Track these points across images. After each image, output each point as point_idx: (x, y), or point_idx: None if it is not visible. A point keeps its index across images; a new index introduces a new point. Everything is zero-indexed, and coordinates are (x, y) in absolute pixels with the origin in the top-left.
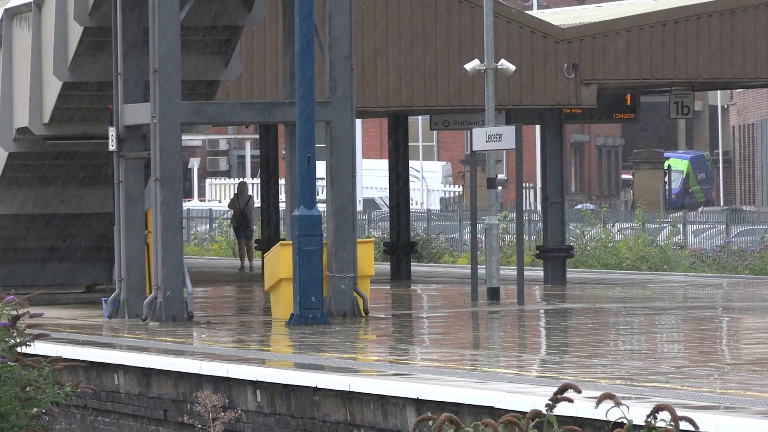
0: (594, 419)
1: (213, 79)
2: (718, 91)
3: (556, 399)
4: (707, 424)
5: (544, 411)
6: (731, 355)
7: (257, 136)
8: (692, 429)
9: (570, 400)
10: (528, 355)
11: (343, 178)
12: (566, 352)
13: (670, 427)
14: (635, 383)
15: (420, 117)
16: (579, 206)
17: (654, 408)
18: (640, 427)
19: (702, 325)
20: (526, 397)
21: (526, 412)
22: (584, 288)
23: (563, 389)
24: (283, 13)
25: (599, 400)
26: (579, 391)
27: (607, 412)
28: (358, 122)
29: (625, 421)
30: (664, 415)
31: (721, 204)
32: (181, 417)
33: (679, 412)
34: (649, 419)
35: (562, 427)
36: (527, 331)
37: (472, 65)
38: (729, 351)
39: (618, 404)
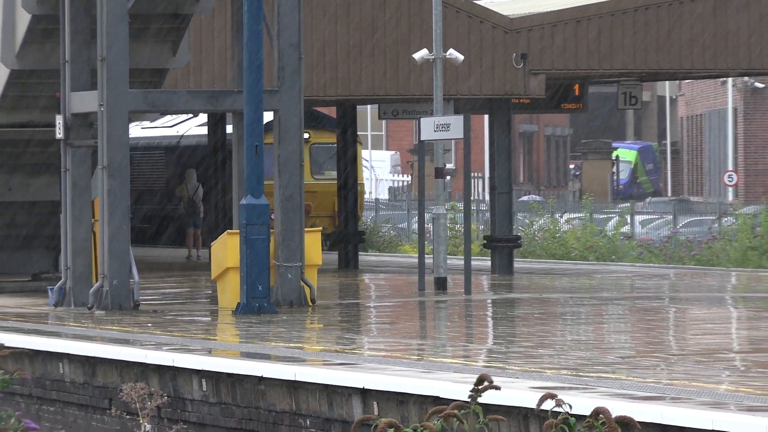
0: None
1: (161, 68)
2: (666, 82)
3: (477, 390)
4: (653, 415)
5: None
6: (677, 345)
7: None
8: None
9: (497, 388)
10: (474, 345)
11: (291, 167)
12: (513, 342)
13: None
14: (581, 373)
15: (369, 106)
16: (525, 198)
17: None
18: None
19: (648, 316)
20: (472, 387)
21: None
22: (531, 278)
23: (480, 381)
24: (232, 2)
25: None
26: (493, 383)
27: (550, 411)
28: None
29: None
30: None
31: (669, 194)
32: (111, 408)
33: (625, 403)
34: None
35: (488, 416)
36: (474, 321)
37: (420, 55)
38: (675, 341)
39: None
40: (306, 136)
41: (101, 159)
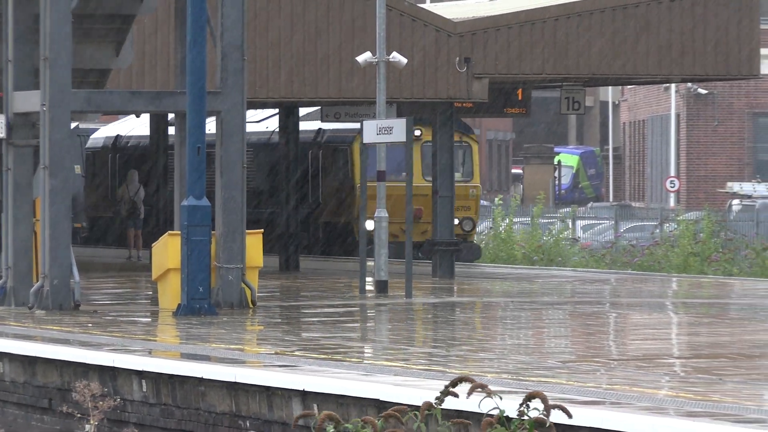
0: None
1: (104, 68)
2: (610, 87)
3: (447, 392)
4: (593, 419)
5: (434, 403)
6: (618, 350)
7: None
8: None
9: (456, 395)
10: (415, 348)
11: (233, 169)
12: (453, 345)
13: (543, 416)
14: (521, 377)
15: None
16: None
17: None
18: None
19: (589, 321)
20: (412, 390)
21: (411, 405)
22: (472, 282)
23: (455, 383)
24: (176, 2)
25: (470, 391)
26: (483, 386)
27: (480, 402)
28: None
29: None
30: (537, 404)
31: (611, 200)
32: (60, 407)
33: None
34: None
35: (451, 420)
36: (414, 324)
37: (364, 57)
38: (616, 346)
39: (489, 394)
40: (417, 133)
41: (43, 159)
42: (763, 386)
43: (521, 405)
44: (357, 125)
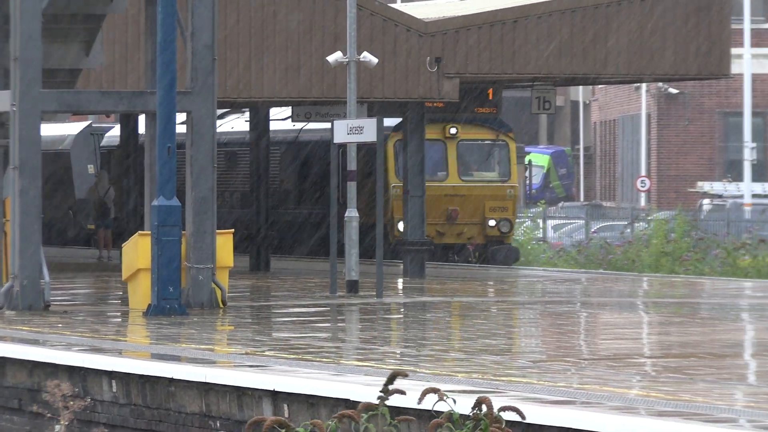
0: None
1: (74, 68)
2: (580, 87)
3: (387, 390)
4: (563, 419)
5: (376, 402)
6: (588, 350)
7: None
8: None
9: (403, 392)
10: (385, 348)
11: (204, 169)
12: (423, 345)
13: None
14: (492, 377)
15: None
16: None
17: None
18: (467, 416)
19: (560, 320)
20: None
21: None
22: (443, 281)
23: (392, 378)
24: (146, 2)
25: (423, 395)
26: (406, 375)
27: (433, 405)
28: None
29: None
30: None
31: (582, 199)
32: (30, 407)
33: (536, 407)
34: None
35: (396, 418)
36: (385, 324)
37: (334, 57)
38: (586, 346)
39: (442, 397)
40: (453, 131)
41: (13, 159)
42: (733, 386)
43: (473, 409)
44: (390, 123)
